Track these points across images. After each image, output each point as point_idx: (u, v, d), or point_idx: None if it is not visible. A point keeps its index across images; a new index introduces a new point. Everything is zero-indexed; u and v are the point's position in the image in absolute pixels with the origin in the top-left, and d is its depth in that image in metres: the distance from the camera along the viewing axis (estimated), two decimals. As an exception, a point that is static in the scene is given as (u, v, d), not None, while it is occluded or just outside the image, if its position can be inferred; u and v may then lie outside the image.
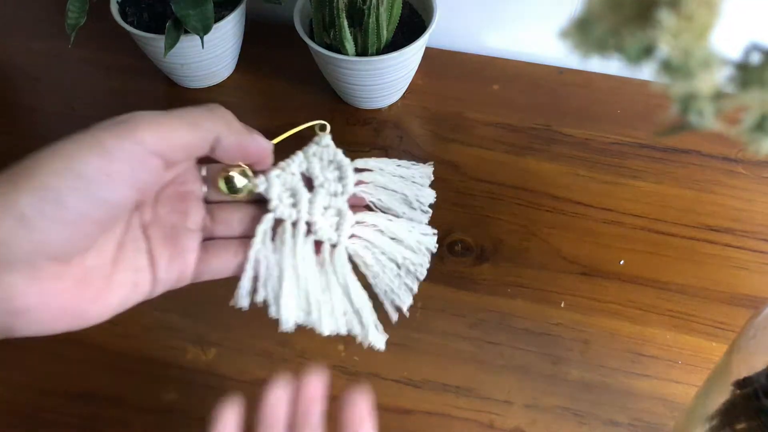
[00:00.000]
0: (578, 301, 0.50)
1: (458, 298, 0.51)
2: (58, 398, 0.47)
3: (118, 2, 0.61)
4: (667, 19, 0.15)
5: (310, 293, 0.34)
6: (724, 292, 0.51)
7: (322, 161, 0.36)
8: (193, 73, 0.63)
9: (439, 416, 0.46)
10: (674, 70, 0.15)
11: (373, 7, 0.54)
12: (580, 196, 0.56)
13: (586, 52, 0.16)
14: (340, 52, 0.56)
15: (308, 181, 0.36)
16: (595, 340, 0.49)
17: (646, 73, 0.16)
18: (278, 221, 0.35)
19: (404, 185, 0.37)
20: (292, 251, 0.34)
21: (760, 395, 0.31)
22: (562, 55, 0.66)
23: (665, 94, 0.16)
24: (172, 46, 0.56)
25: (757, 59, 0.16)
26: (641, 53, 0.16)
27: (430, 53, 0.63)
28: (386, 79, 0.58)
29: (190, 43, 0.58)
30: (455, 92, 0.64)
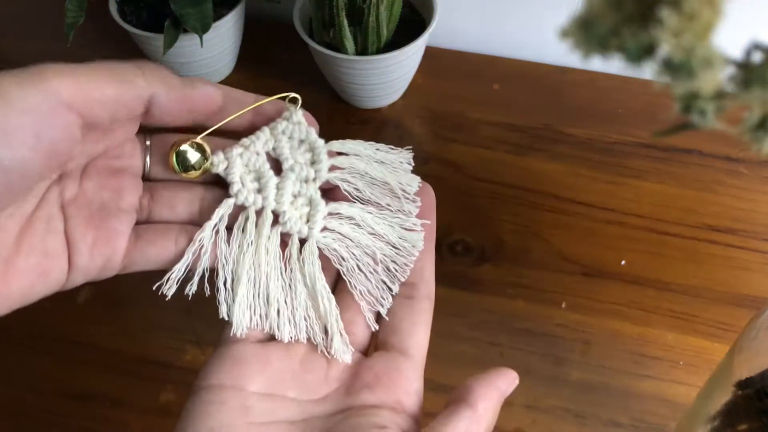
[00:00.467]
0: (579, 301, 0.50)
1: (459, 298, 0.51)
2: (57, 398, 0.47)
3: (116, 1, 0.61)
4: (668, 17, 0.15)
5: (270, 295, 0.30)
6: (726, 292, 0.50)
7: (292, 140, 0.32)
8: (192, 72, 0.63)
9: (439, 417, 0.46)
10: (676, 69, 0.15)
11: (373, 5, 0.53)
12: (581, 196, 0.56)
13: (586, 51, 0.16)
14: (339, 51, 0.56)
15: (275, 163, 0.32)
16: (596, 340, 0.48)
17: (647, 72, 0.16)
18: (238, 208, 0.31)
19: (385, 171, 0.33)
20: (254, 244, 0.30)
21: (761, 396, 0.31)
22: (563, 54, 0.65)
23: (667, 93, 0.16)
24: (170, 45, 0.56)
25: (758, 58, 0.15)
26: (642, 52, 0.16)
27: (430, 52, 0.62)
28: (386, 78, 0.58)
29: (189, 42, 0.58)
30: (456, 91, 0.64)
